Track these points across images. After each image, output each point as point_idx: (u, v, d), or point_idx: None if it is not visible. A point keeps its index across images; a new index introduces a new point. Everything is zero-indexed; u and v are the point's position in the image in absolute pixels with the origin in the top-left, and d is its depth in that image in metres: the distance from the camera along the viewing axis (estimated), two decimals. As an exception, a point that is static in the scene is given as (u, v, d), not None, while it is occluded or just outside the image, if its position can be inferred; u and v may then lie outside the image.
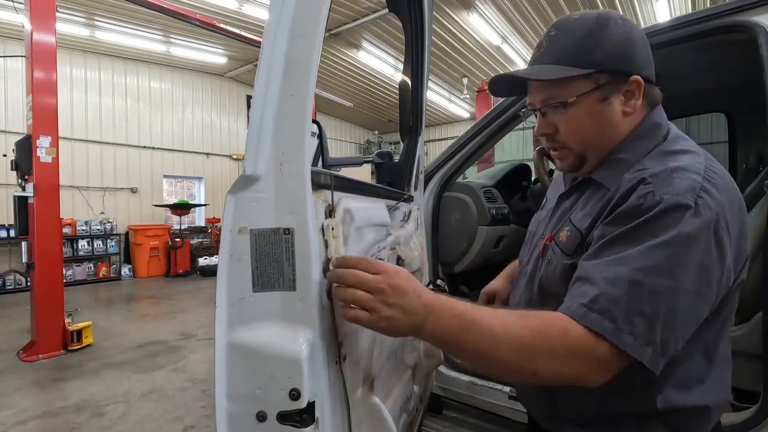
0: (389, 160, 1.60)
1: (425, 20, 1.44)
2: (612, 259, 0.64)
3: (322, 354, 0.66)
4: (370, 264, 0.65)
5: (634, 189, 0.67)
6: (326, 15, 0.68)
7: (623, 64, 0.72)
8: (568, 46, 0.73)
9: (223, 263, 0.66)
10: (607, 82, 0.73)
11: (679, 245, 0.61)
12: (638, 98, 0.74)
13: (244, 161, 0.66)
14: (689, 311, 0.63)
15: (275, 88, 0.64)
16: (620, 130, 0.76)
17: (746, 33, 1.33)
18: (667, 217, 0.62)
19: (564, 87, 0.74)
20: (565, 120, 0.76)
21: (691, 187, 0.64)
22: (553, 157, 0.84)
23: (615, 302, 0.61)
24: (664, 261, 0.61)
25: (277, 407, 0.62)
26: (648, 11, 7.04)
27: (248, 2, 6.87)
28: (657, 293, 0.61)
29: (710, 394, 0.73)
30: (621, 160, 0.75)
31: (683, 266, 0.61)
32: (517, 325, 0.63)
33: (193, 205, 9.88)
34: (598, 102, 0.74)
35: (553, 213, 0.90)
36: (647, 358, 0.61)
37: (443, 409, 1.93)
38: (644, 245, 0.62)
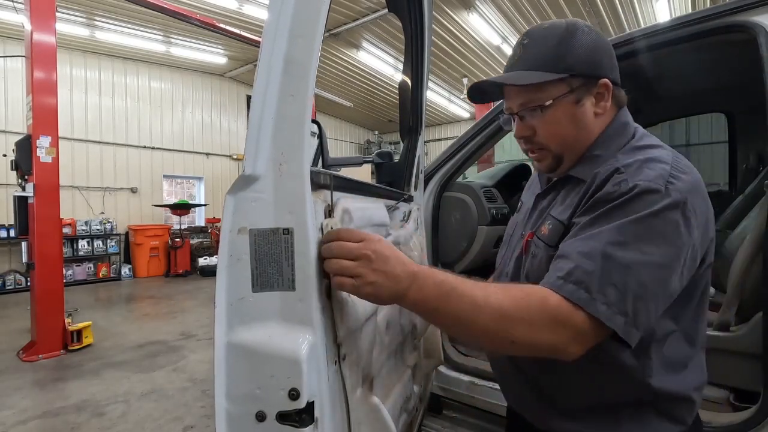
0: (389, 160, 1.60)
1: (425, 20, 1.44)
2: (587, 235, 0.69)
3: (321, 354, 0.66)
4: (351, 233, 0.67)
5: (609, 178, 0.72)
6: (326, 15, 0.68)
7: (593, 68, 0.78)
8: (542, 54, 0.78)
9: (222, 263, 0.66)
10: (580, 85, 0.78)
11: (648, 222, 0.66)
12: (608, 100, 0.80)
13: (244, 161, 0.66)
14: (659, 284, 0.66)
15: (275, 88, 0.64)
16: (593, 130, 0.82)
17: (746, 33, 1.33)
18: (639, 199, 0.67)
19: (541, 91, 0.79)
20: (543, 122, 0.81)
21: (661, 175, 0.69)
22: (532, 158, 0.89)
23: (589, 274, 0.65)
24: (634, 236, 0.66)
25: (276, 407, 0.62)
26: (648, 11, 7.04)
27: (248, 2, 6.87)
28: (627, 266, 0.65)
29: (694, 378, 0.79)
30: (596, 156, 0.80)
31: (652, 241, 0.66)
32: (498, 294, 0.65)
33: (193, 205, 9.88)
34: (572, 104, 0.79)
35: (531, 213, 0.94)
36: (620, 327, 0.64)
37: (443, 409, 1.93)
38: (616, 223, 0.67)
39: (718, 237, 0.84)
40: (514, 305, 0.64)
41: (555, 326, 0.64)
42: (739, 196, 2.61)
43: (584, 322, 0.64)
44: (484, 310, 0.64)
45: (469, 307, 0.64)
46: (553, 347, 0.65)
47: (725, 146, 3.34)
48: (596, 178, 0.75)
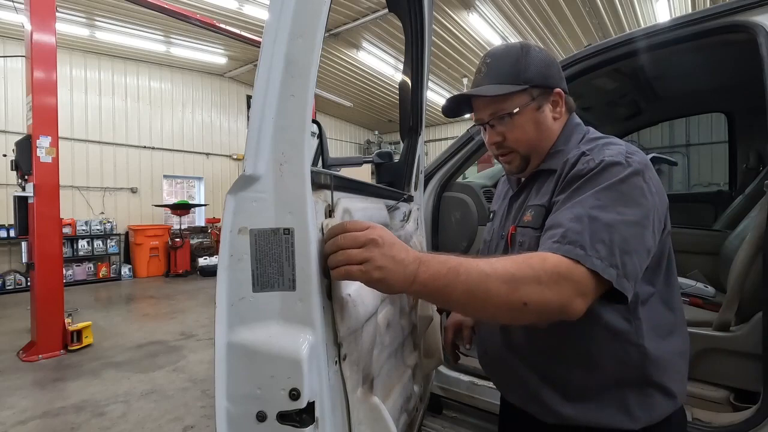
0: (389, 160, 1.60)
1: (425, 20, 1.44)
2: (570, 204, 0.79)
3: (322, 354, 0.66)
4: (357, 222, 0.68)
5: (578, 160, 0.84)
6: (326, 15, 0.68)
7: (547, 80, 0.93)
8: (504, 70, 0.92)
9: (222, 263, 0.66)
10: (539, 94, 0.92)
11: (618, 188, 0.77)
12: (562, 106, 0.95)
13: (244, 161, 0.66)
14: (637, 239, 0.76)
15: (275, 88, 0.64)
16: (553, 132, 0.96)
17: (746, 33, 1.33)
18: (606, 171, 0.80)
19: (507, 101, 0.92)
20: (511, 128, 0.94)
21: (620, 152, 0.83)
22: (501, 161, 1.01)
23: (580, 234, 0.73)
24: (610, 200, 0.76)
25: (276, 407, 0.62)
26: (648, 11, 7.04)
27: (248, 2, 6.87)
28: (610, 225, 0.74)
29: (679, 343, 0.89)
30: (560, 151, 0.94)
31: (625, 203, 0.76)
32: (501, 261, 0.70)
33: (193, 205, 9.88)
34: (534, 111, 0.93)
35: (507, 214, 1.04)
36: (614, 278, 0.71)
37: (443, 409, 1.93)
38: (592, 191, 0.78)
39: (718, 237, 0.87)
40: (518, 268, 0.69)
41: (559, 282, 0.69)
42: (739, 196, 2.61)
43: (583, 276, 0.71)
44: (492, 277, 0.67)
45: (478, 276, 0.67)
46: (560, 304, 0.69)
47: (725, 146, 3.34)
48: (566, 163, 0.87)
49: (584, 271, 0.71)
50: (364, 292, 0.82)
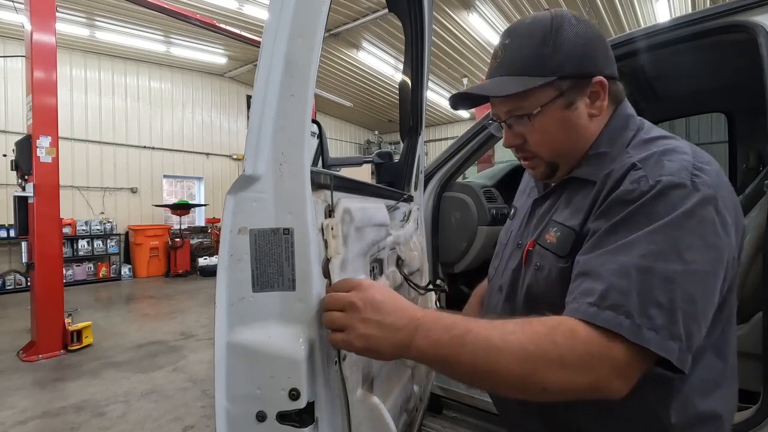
0: (389, 160, 1.60)
1: (425, 20, 1.44)
2: (614, 248, 0.59)
3: (321, 354, 0.65)
4: (344, 282, 0.64)
5: (625, 176, 0.64)
6: (326, 15, 0.68)
7: (583, 66, 0.70)
8: (525, 55, 0.71)
9: (222, 263, 0.66)
10: (570, 87, 0.71)
11: (683, 225, 0.58)
12: (604, 99, 0.73)
13: (244, 161, 0.66)
14: (707, 295, 0.58)
15: (275, 88, 0.64)
16: (589, 133, 0.75)
17: (746, 33, 1.33)
18: (664, 198, 0.59)
19: (527, 98, 0.71)
20: (532, 131, 0.74)
21: (684, 167, 0.61)
22: (525, 166, 0.83)
23: (626, 294, 0.55)
24: (670, 243, 0.57)
25: (276, 407, 0.62)
26: (648, 11, 7.04)
27: (248, 2, 6.87)
28: (670, 279, 0.55)
29: (725, 400, 0.69)
30: (603, 154, 0.73)
31: (691, 247, 0.57)
32: (517, 332, 0.56)
33: (193, 205, 9.88)
34: (563, 109, 0.72)
35: (529, 219, 0.85)
36: (674, 355, 0.54)
37: (443, 409, 1.93)
38: (646, 230, 0.58)
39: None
40: (536, 344, 0.55)
41: (592, 363, 0.54)
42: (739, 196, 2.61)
43: (625, 353, 0.54)
44: (504, 353, 0.55)
45: (486, 349, 0.55)
46: (593, 387, 0.55)
47: (725, 146, 3.34)
48: (609, 177, 0.66)
49: (627, 347, 0.54)
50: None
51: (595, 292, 0.58)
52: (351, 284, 0.64)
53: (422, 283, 1.43)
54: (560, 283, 0.68)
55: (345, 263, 0.78)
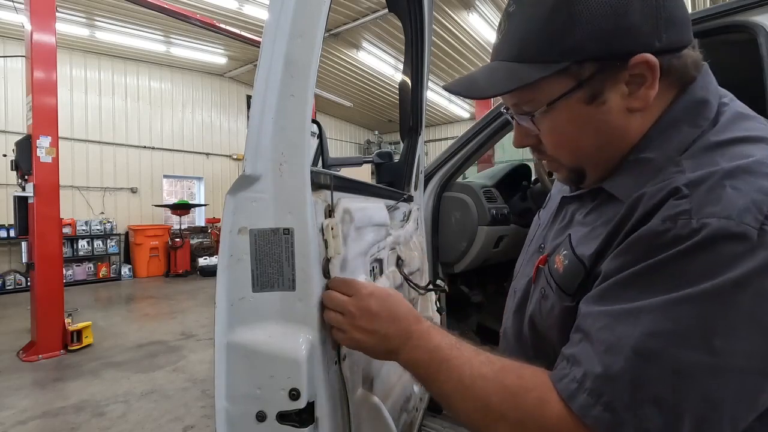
0: (389, 160, 1.60)
1: (425, 20, 1.44)
2: (618, 310, 0.45)
3: (321, 354, 0.65)
4: (346, 285, 0.66)
5: (662, 204, 0.45)
6: (326, 15, 0.68)
7: (615, 42, 0.48)
8: (529, 33, 0.51)
9: (222, 263, 0.66)
10: (594, 72, 0.50)
11: (725, 298, 0.40)
12: (651, 85, 0.49)
13: (244, 161, 0.66)
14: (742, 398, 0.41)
15: (275, 88, 0.64)
16: (629, 131, 0.53)
17: (746, 33, 1.33)
18: (709, 253, 0.41)
19: (535, 89, 0.53)
20: (543, 131, 0.57)
21: (755, 203, 0.41)
22: (546, 168, 0.68)
23: (612, 381, 0.43)
24: (697, 322, 0.41)
25: (276, 407, 0.62)
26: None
27: (248, 2, 6.87)
28: (684, 373, 0.40)
29: None
30: (643, 161, 0.52)
31: (731, 331, 0.40)
32: (489, 379, 0.51)
33: (193, 205, 9.88)
34: (583, 104, 0.52)
35: (556, 217, 0.69)
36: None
37: (443, 409, 1.93)
38: (667, 296, 0.42)
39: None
40: (502, 400, 0.49)
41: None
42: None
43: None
44: (468, 396, 0.52)
45: (453, 389, 0.53)
46: None
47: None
48: (640, 202, 0.48)
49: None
50: (363, 292, 0.81)
51: (577, 371, 0.46)
52: (351, 289, 0.65)
53: (422, 283, 1.43)
54: (561, 324, 0.57)
55: (345, 263, 0.78)
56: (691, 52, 0.52)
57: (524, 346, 0.67)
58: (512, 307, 0.73)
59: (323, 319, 0.67)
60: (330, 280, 0.68)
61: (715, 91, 0.53)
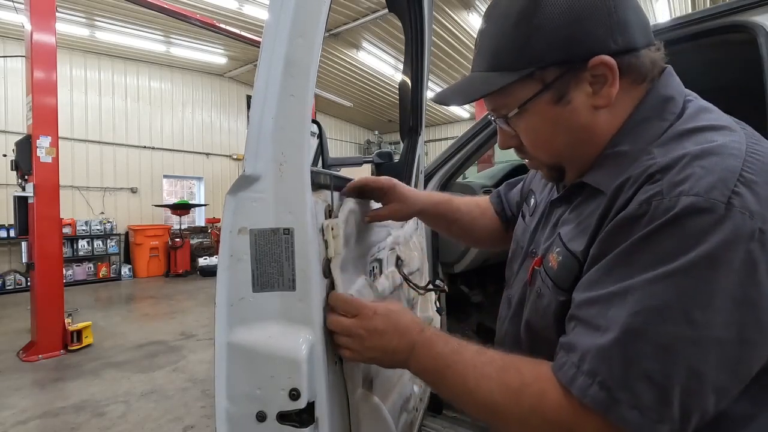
0: (389, 160, 1.60)
1: (425, 20, 1.44)
2: (606, 294, 0.48)
3: (321, 354, 0.65)
4: (349, 305, 0.67)
5: (639, 189, 0.49)
6: (326, 15, 0.68)
7: (573, 47, 0.54)
8: (498, 44, 0.58)
9: (222, 263, 0.66)
10: (558, 76, 0.56)
11: (699, 273, 0.43)
12: (612, 83, 0.55)
13: (244, 161, 0.66)
14: (724, 368, 0.43)
15: (275, 88, 0.64)
16: (599, 129, 0.58)
17: (746, 33, 1.33)
18: (679, 229, 0.44)
19: (507, 95, 0.59)
20: (521, 132, 0.63)
21: (722, 180, 0.44)
22: (529, 167, 0.74)
23: (606, 361, 0.45)
24: (675, 297, 0.43)
25: (276, 407, 0.62)
26: (648, 11, 7.04)
27: (248, 2, 6.87)
28: (668, 347, 0.43)
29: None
30: (619, 153, 0.56)
31: (708, 303, 0.43)
32: (492, 379, 0.54)
33: (193, 205, 9.88)
34: (552, 104, 0.57)
35: (546, 220, 0.71)
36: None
37: (443, 409, 1.93)
38: (645, 276, 0.45)
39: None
40: (506, 398, 0.52)
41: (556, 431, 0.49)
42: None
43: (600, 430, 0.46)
44: (473, 399, 0.55)
45: (460, 391, 0.57)
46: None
47: (725, 146, 3.33)
48: (622, 190, 0.52)
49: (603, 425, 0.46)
50: (364, 293, 0.81)
51: (573, 356, 0.49)
52: (354, 309, 0.67)
53: (422, 283, 1.43)
54: (556, 320, 0.59)
55: (345, 263, 0.78)
56: (650, 52, 0.58)
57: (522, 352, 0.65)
58: (508, 315, 0.76)
59: (324, 320, 0.67)
60: (331, 298, 0.69)
61: (680, 88, 0.59)
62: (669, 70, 0.61)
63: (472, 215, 1.04)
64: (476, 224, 1.04)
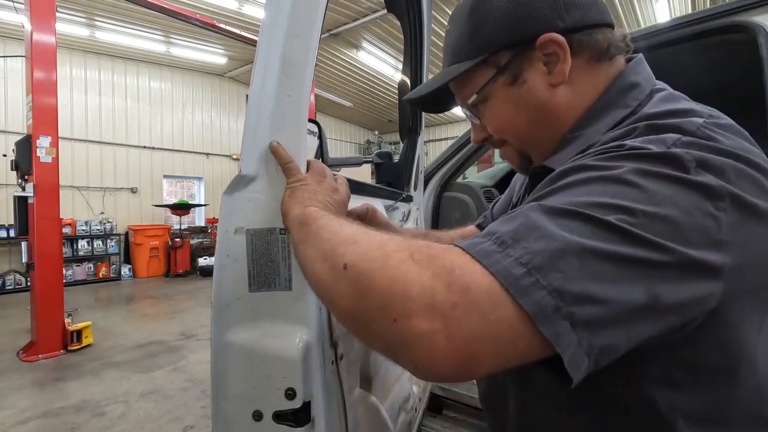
0: (389, 160, 1.60)
1: (424, 20, 1.44)
2: (517, 211, 0.43)
3: (318, 354, 0.65)
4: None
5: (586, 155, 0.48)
6: (323, 15, 0.68)
7: (520, 28, 0.55)
8: (457, 39, 0.62)
9: (219, 263, 0.66)
10: (511, 58, 0.57)
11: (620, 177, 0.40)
12: (564, 59, 0.55)
13: (240, 161, 0.66)
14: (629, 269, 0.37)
15: (271, 88, 0.64)
16: (557, 107, 0.57)
17: (746, 33, 1.33)
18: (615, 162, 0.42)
19: (467, 85, 0.62)
20: (486, 119, 0.63)
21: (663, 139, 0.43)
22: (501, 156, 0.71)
23: (511, 222, 0.41)
24: (594, 196, 0.40)
25: (272, 407, 0.62)
26: (648, 11, 7.03)
27: (248, 2, 6.87)
28: (566, 251, 0.37)
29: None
30: (577, 137, 0.56)
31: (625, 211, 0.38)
32: (393, 239, 0.44)
33: (193, 205, 9.88)
34: (508, 86, 0.58)
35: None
36: (545, 314, 0.35)
37: (443, 409, 1.93)
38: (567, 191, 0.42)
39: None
40: (398, 248, 0.42)
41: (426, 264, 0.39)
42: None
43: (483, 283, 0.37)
44: (339, 236, 0.48)
45: (342, 239, 0.47)
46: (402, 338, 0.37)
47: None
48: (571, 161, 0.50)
49: (484, 276, 0.37)
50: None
51: (500, 232, 0.40)
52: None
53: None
54: None
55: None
56: (609, 34, 0.57)
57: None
58: None
59: (320, 319, 0.67)
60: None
61: (649, 77, 0.59)
62: (639, 58, 0.61)
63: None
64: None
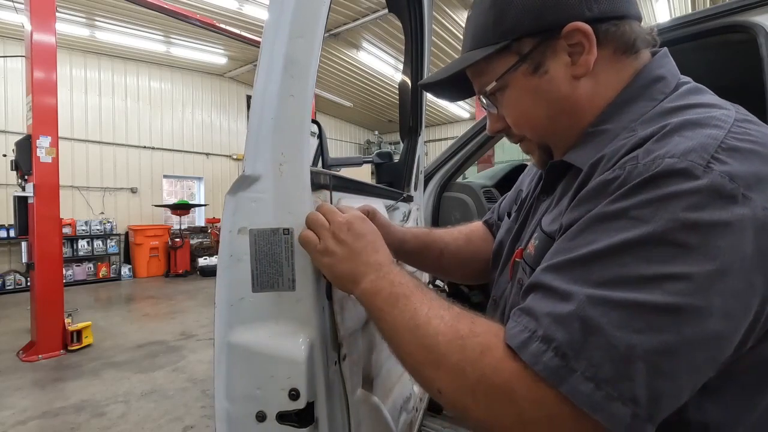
0: (389, 160, 1.60)
1: (425, 20, 1.44)
2: (570, 260, 0.44)
3: (321, 354, 0.65)
4: (346, 208, 0.66)
5: (615, 165, 0.46)
6: (326, 15, 0.68)
7: (545, 15, 0.53)
8: (480, 23, 0.59)
9: (222, 263, 0.66)
10: (534, 46, 0.55)
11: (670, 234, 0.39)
12: (589, 50, 0.53)
13: (244, 161, 0.66)
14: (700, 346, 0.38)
15: (274, 88, 0.64)
16: (579, 99, 0.56)
17: (746, 33, 1.33)
18: (652, 190, 0.40)
19: (487, 71, 0.60)
20: (504, 108, 0.61)
21: (703, 146, 0.41)
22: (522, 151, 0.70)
23: (566, 327, 0.40)
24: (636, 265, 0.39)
25: (276, 407, 0.62)
26: (648, 11, 7.04)
27: (248, 2, 6.87)
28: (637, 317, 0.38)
29: None
30: (601, 132, 0.54)
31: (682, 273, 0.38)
32: (443, 320, 0.49)
33: (193, 205, 9.88)
34: (529, 75, 0.56)
35: (532, 215, 0.69)
36: (622, 423, 0.38)
37: (443, 409, 1.93)
38: (610, 241, 0.41)
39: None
40: (448, 342, 0.47)
41: (493, 393, 0.43)
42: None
43: (548, 400, 0.40)
44: (418, 333, 0.50)
45: (405, 325, 0.51)
46: (487, 424, 0.44)
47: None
48: (596, 167, 0.49)
49: (554, 396, 0.40)
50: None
51: (533, 315, 0.43)
52: (350, 210, 0.66)
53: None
54: None
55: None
56: (636, 26, 0.56)
57: None
58: (494, 317, 0.71)
59: (323, 320, 0.67)
60: (327, 285, 0.67)
61: (674, 71, 0.57)
62: (664, 51, 0.59)
63: (458, 243, 0.96)
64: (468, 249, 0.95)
